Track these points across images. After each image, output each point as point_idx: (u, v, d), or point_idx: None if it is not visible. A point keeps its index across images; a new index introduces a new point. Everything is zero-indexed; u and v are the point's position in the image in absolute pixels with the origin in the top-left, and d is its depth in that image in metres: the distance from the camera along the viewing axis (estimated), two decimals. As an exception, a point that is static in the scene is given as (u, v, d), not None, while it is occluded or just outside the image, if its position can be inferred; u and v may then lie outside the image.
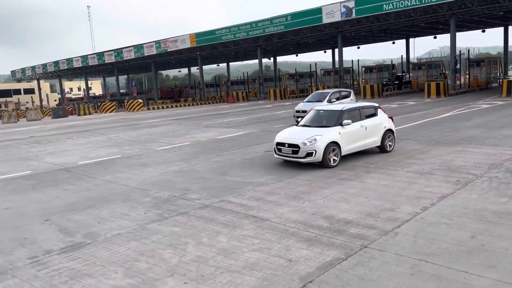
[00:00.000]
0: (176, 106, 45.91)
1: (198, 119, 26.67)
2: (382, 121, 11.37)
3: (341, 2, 34.23)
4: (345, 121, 10.32)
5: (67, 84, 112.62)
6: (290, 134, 10.59)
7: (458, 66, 33.81)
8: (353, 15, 33.85)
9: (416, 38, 58.37)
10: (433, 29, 44.29)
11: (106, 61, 59.16)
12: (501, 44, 46.54)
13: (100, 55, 60.06)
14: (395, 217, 6.42)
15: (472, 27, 44.11)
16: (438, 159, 10.14)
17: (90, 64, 62.23)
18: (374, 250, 5.29)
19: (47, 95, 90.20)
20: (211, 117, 27.40)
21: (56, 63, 69.45)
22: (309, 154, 9.77)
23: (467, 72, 39.56)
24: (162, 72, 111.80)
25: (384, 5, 31.76)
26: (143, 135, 19.32)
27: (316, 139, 9.83)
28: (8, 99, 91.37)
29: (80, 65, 63.88)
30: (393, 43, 51.64)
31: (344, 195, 7.73)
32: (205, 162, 11.78)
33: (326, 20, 35.59)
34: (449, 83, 32.07)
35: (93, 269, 5.25)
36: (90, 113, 40.80)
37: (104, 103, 42.86)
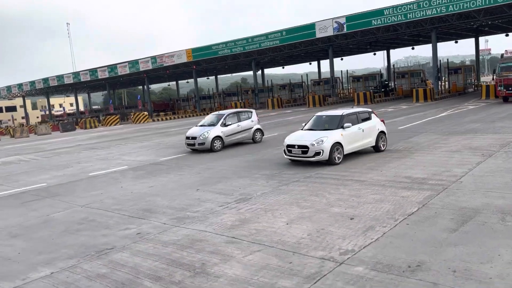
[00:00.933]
0: (177, 117, 48.11)
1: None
2: (375, 124, 12.94)
3: (333, 19, 37.73)
4: (346, 124, 11.77)
5: (47, 102, 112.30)
6: (298, 137, 12.04)
7: (440, 74, 37.82)
8: (344, 30, 37.37)
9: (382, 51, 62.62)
10: (413, 41, 48.49)
11: (100, 77, 60.87)
12: (467, 53, 51.30)
13: (93, 71, 61.58)
14: (453, 174, 9.30)
15: (446, 39, 48.56)
16: (458, 143, 13.17)
17: (82, 80, 63.70)
18: (453, 189, 8.12)
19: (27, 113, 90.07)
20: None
21: (45, 80, 70.32)
22: (317, 154, 11.23)
23: (446, 79, 43.75)
24: (140, 87, 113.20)
25: (373, 21, 35.40)
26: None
27: (323, 140, 11.29)
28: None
29: (72, 81, 65.21)
30: (374, 54, 55.74)
31: (406, 166, 10.59)
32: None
33: (319, 34, 38.95)
34: (434, 89, 35.80)
35: (274, 207, 7.87)
36: (96, 127, 42.56)
37: (109, 117, 44.66)
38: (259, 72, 66.64)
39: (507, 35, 42.31)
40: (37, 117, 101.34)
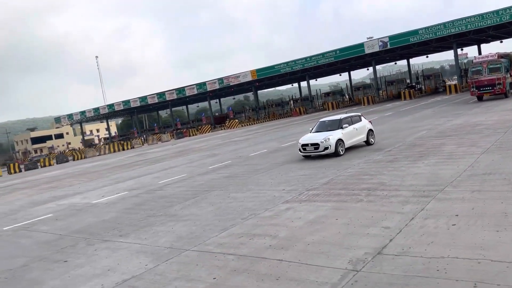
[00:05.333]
0: (250, 124, 60.28)
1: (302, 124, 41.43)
2: (365, 124, 16.15)
3: (378, 38, 50.85)
4: (344, 125, 14.89)
5: (87, 127, 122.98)
6: (310, 138, 15.13)
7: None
8: (388, 47, 50.44)
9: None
10: (428, 52, 62.02)
11: (167, 99, 72.75)
12: (444, 58, 65.40)
13: (161, 94, 73.45)
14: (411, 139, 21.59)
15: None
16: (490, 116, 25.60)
17: (149, 103, 75.44)
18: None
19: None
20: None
21: (110, 105, 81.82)
22: (326, 148, 14.25)
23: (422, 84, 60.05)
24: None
25: (411, 38, 48.57)
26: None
27: (329, 138, 14.34)
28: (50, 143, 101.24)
29: (138, 105, 76.92)
30: (395, 63, 69.26)
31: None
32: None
33: (367, 51, 51.94)
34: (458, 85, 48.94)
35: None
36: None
37: (203, 126, 56.63)
38: (296, 83, 79.70)
39: (501, 42, 56.09)
40: (80, 142, 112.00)
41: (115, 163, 30.94)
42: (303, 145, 14.92)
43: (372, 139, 16.38)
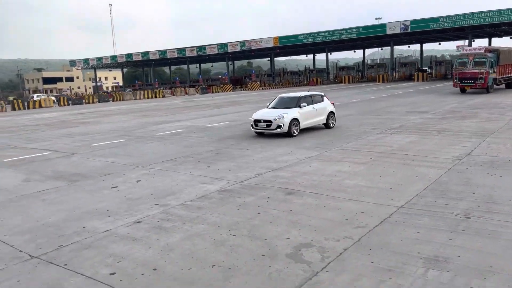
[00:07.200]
0: (269, 88, 63.92)
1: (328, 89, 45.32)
2: (326, 105, 15.15)
3: (400, 21, 54.28)
4: (302, 104, 13.97)
5: (98, 74, 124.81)
6: (264, 114, 14.01)
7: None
8: (409, 30, 53.96)
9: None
10: (442, 39, 65.66)
11: (187, 55, 75.55)
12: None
13: (182, 50, 76.18)
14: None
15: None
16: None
17: (168, 57, 78.17)
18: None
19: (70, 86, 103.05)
20: (338, 89, 46.08)
21: (129, 55, 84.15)
22: (279, 127, 13.30)
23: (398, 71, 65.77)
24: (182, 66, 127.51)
25: (431, 25, 52.13)
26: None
27: (283, 116, 13.35)
28: (58, 86, 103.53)
29: (158, 57, 79.56)
30: (409, 46, 72.87)
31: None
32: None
33: (389, 31, 55.41)
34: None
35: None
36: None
37: (225, 85, 60.14)
38: (309, 56, 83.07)
39: (511, 38, 60.03)
40: (89, 88, 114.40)
41: (173, 105, 34.77)
42: (255, 120, 13.90)
43: (332, 122, 15.35)
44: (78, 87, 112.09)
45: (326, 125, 15.20)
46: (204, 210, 6.68)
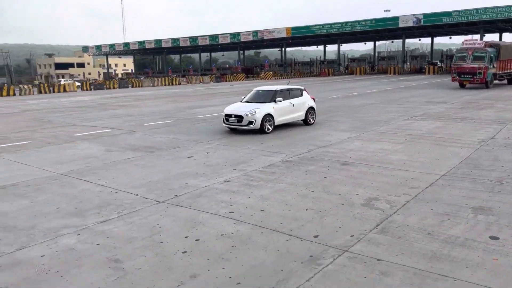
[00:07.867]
0: (282, 78, 65.03)
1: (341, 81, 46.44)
2: (306, 100, 14.10)
3: (413, 15, 55.11)
4: (278, 99, 12.93)
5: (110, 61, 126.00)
6: (236, 108, 13.04)
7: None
8: (421, 23, 54.83)
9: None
10: (453, 33, 66.43)
11: (199, 43, 76.61)
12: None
13: (194, 38, 77.23)
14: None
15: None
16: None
17: (181, 45, 79.25)
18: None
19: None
20: (351, 80, 47.20)
21: (141, 42, 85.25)
22: (250, 123, 12.36)
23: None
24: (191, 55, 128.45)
25: (444, 19, 52.98)
26: (334, 89, 38.95)
27: (255, 111, 12.43)
28: (70, 71, 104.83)
29: (170, 45, 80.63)
30: (419, 40, 73.71)
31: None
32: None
33: (401, 25, 56.29)
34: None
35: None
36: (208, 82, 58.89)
37: (238, 74, 61.28)
38: (317, 48, 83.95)
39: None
40: (100, 74, 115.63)
41: (196, 92, 36.17)
42: (226, 115, 12.98)
43: (311, 119, 14.38)
44: (89, 73, 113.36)
45: (305, 122, 14.22)
46: (278, 174, 8.04)
